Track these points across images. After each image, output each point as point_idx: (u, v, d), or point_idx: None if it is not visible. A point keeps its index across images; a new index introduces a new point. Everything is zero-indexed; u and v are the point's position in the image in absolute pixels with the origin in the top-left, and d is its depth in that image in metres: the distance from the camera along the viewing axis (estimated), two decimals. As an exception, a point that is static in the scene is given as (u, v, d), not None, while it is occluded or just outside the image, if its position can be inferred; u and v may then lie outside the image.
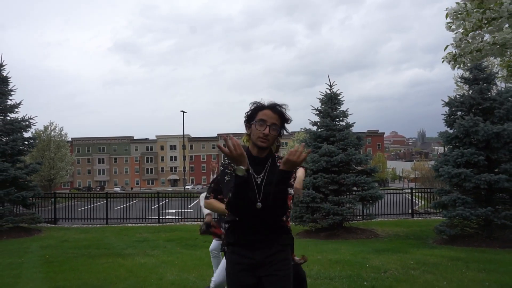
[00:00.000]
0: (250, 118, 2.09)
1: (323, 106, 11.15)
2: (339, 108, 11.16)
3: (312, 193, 10.04)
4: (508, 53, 3.17)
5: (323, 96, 11.22)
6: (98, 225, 13.67)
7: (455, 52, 2.65)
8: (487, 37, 2.62)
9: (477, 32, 2.47)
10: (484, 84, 8.28)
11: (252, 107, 2.09)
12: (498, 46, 2.56)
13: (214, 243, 4.49)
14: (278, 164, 2.07)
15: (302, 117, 13.19)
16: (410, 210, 14.61)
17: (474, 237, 8.20)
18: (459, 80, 9.06)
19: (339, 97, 11.16)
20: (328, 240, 9.57)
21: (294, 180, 2.15)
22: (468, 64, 2.74)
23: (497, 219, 7.65)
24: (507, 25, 2.35)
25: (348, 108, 11.12)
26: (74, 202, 17.19)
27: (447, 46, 2.66)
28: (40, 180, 32.78)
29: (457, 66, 2.72)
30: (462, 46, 2.54)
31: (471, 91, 8.60)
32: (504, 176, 7.57)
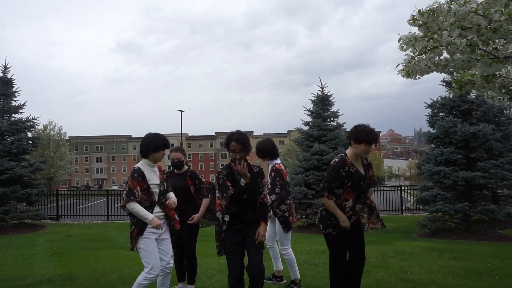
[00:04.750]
0: (227, 147, 3.33)
1: (315, 107, 11.71)
2: (330, 109, 11.72)
3: (304, 190, 10.59)
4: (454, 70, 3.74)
5: (315, 98, 11.79)
6: (100, 222, 14.20)
7: (408, 69, 3.22)
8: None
9: (422, 56, 3.06)
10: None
11: (225, 141, 3.34)
12: (440, 66, 3.14)
13: (268, 233, 4.32)
14: (255, 170, 3.39)
15: (300, 115, 13.80)
16: (400, 207, 15.20)
17: (454, 231, 8.79)
18: (442, 84, 9.62)
19: (330, 98, 11.73)
20: (319, 235, 10.11)
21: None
22: (418, 76, 3.33)
23: (474, 213, 8.23)
24: (445, 53, 2.92)
25: (338, 109, 11.71)
26: (75, 199, 17.72)
27: (398, 64, 3.24)
28: (40, 178, 33.29)
29: (410, 78, 3.30)
30: (411, 65, 3.13)
31: (451, 93, 9.15)
32: (480, 173, 8.15)
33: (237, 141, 3.22)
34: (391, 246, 7.20)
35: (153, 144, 3.38)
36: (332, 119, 11.62)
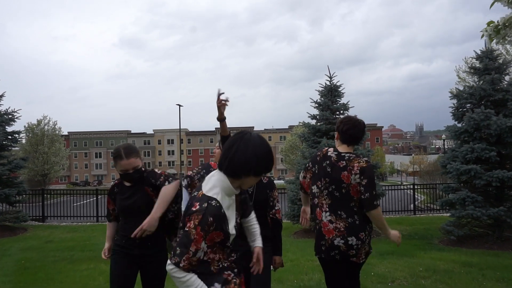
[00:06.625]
0: None
1: (322, 98, 10.56)
2: (340, 101, 10.58)
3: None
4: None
5: (322, 88, 10.64)
6: (88, 223, 13.13)
7: (499, 21, 2.08)
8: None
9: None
10: (496, 74, 7.71)
11: None
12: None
13: None
14: (264, 181, 2.86)
15: (301, 110, 12.75)
16: (411, 206, 14.14)
17: (484, 238, 7.69)
18: (468, 70, 8.46)
19: (339, 89, 10.58)
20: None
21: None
22: (508, 38, 2.16)
23: (510, 219, 7.13)
24: None
25: (348, 101, 10.57)
26: (66, 198, 16.62)
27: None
28: (34, 175, 32.20)
29: (497, 40, 2.16)
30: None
31: (481, 81, 8.03)
32: (519, 173, 7.05)
33: None
34: (418, 260, 6.11)
35: (263, 164, 1.71)
36: (341, 111, 10.47)
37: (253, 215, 2.48)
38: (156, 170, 2.73)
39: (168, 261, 1.62)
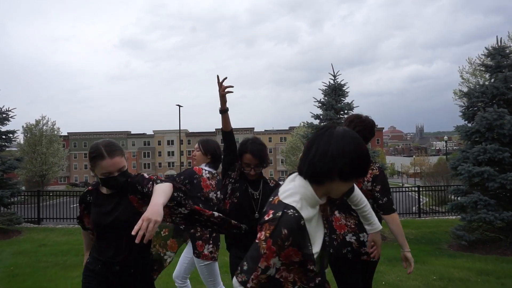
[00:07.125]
0: (240, 157, 2.65)
1: (326, 98, 10.25)
2: (344, 100, 10.26)
3: (314, 192, 9.17)
4: None
5: (326, 87, 10.33)
6: (85, 225, 12.79)
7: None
8: None
9: None
10: (509, 72, 7.38)
11: (238, 151, 2.66)
12: None
13: (180, 267, 3.46)
14: (271, 185, 2.74)
15: (301, 111, 12.46)
16: (414, 209, 13.83)
17: (496, 243, 7.35)
18: (479, 68, 8.13)
19: (343, 88, 10.27)
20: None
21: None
22: None
23: (525, 223, 6.80)
24: None
25: (353, 100, 10.25)
26: (63, 199, 16.31)
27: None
28: (32, 176, 31.86)
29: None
30: None
31: (493, 79, 7.71)
32: (534, 175, 6.72)
33: (253, 154, 2.59)
34: (430, 267, 5.78)
35: (350, 165, 1.33)
36: (346, 111, 10.16)
37: (358, 193, 2.07)
38: (145, 175, 2.13)
39: (234, 279, 1.33)
